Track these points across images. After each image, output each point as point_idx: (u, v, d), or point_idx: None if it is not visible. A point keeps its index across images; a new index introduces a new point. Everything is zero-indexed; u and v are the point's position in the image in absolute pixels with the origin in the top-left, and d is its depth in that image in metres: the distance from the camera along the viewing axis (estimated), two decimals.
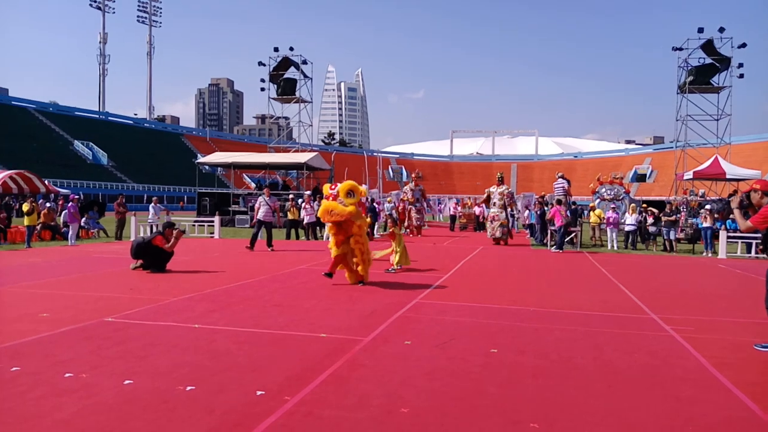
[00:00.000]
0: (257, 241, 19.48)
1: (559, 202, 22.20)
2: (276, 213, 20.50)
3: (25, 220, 20.32)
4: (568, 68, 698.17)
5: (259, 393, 5.10)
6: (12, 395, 4.96)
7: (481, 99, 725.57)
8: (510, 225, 34.09)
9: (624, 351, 6.90)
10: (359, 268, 11.73)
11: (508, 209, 25.09)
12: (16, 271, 13.28)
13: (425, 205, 32.46)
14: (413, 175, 32.15)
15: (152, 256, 13.42)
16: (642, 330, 8.12)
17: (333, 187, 11.65)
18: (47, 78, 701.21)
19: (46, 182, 41.10)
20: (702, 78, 49.43)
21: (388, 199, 35.03)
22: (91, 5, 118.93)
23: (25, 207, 20.49)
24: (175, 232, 13.93)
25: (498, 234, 23.87)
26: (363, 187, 12.12)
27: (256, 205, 20.52)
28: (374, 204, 29.26)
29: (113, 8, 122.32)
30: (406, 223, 29.15)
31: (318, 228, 25.60)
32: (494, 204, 24.28)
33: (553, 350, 6.85)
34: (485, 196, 25.24)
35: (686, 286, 13.19)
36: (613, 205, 25.26)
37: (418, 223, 29.47)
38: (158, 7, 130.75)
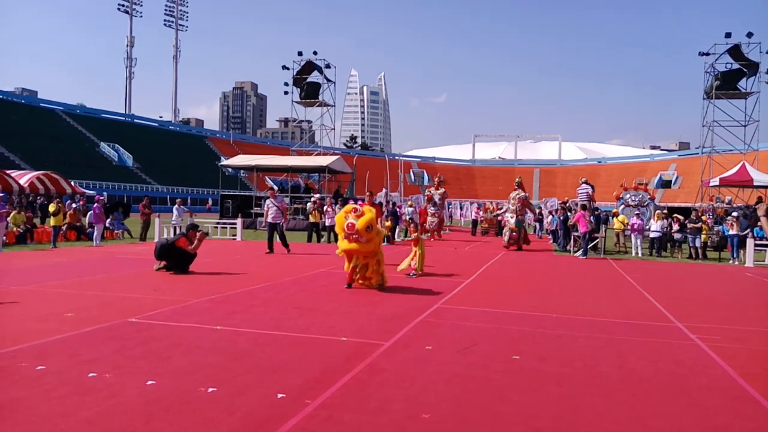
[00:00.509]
0: (275, 244, 19.47)
1: (584, 207, 22.00)
2: (284, 213, 20.33)
3: (51, 221, 20.56)
4: (592, 72, 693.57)
5: (279, 396, 5.10)
6: (36, 394, 5.00)
7: (504, 103, 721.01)
8: (536, 229, 33.98)
9: (649, 360, 6.83)
10: (373, 281, 11.68)
11: (529, 214, 24.98)
12: (41, 271, 13.42)
13: (443, 209, 32.23)
14: (435, 180, 32.04)
15: (175, 257, 13.51)
16: (667, 338, 8.02)
17: (351, 226, 11.01)
18: (75, 80, 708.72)
19: (72, 183, 41.56)
20: (729, 83, 48.87)
21: (409, 203, 34.96)
22: (119, 9, 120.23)
23: (51, 208, 20.74)
24: (198, 234, 14.01)
25: (505, 239, 23.71)
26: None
27: (265, 208, 20.43)
28: (396, 208, 29.18)
29: (140, 12, 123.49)
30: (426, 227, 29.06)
31: None
32: (508, 209, 24.20)
33: (576, 358, 6.78)
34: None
35: (712, 294, 13.04)
36: (637, 212, 25.03)
37: (432, 227, 29.30)
38: (185, 11, 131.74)
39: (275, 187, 20.01)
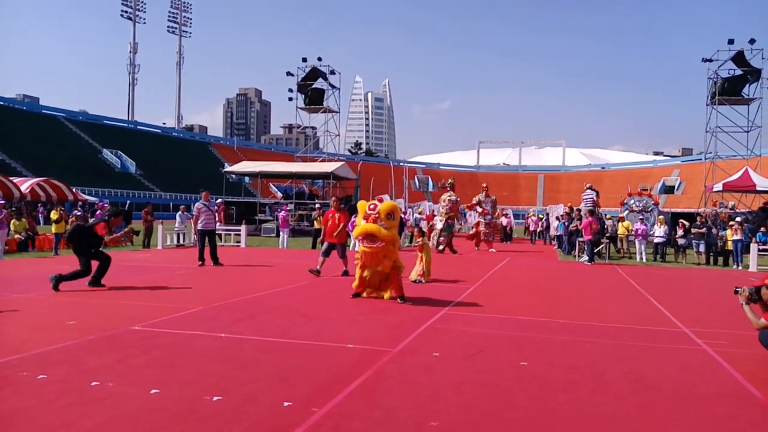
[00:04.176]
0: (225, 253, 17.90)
1: (591, 212, 21.85)
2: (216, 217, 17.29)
3: (53, 228, 20.52)
4: (596, 78, 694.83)
5: (286, 404, 5.04)
6: (39, 404, 4.95)
7: (508, 109, 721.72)
8: (543, 236, 33.49)
9: (656, 365, 6.77)
10: (394, 291, 11.07)
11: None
12: (43, 279, 13.33)
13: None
14: (483, 186, 29.21)
15: (87, 238, 11.94)
16: (674, 344, 7.97)
17: (373, 207, 10.68)
18: (77, 87, 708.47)
19: (74, 190, 41.60)
20: (732, 89, 48.77)
21: (419, 209, 34.94)
22: (122, 15, 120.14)
23: (54, 215, 20.70)
24: (125, 230, 13.45)
25: (440, 246, 22.90)
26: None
27: (195, 213, 17.41)
28: (401, 214, 28.81)
29: (144, 18, 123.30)
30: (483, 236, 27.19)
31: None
32: (439, 212, 22.95)
33: (584, 364, 6.73)
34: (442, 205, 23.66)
35: (717, 299, 12.97)
36: (641, 217, 24.94)
37: (487, 238, 26.61)
38: (188, 18, 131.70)
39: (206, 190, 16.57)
